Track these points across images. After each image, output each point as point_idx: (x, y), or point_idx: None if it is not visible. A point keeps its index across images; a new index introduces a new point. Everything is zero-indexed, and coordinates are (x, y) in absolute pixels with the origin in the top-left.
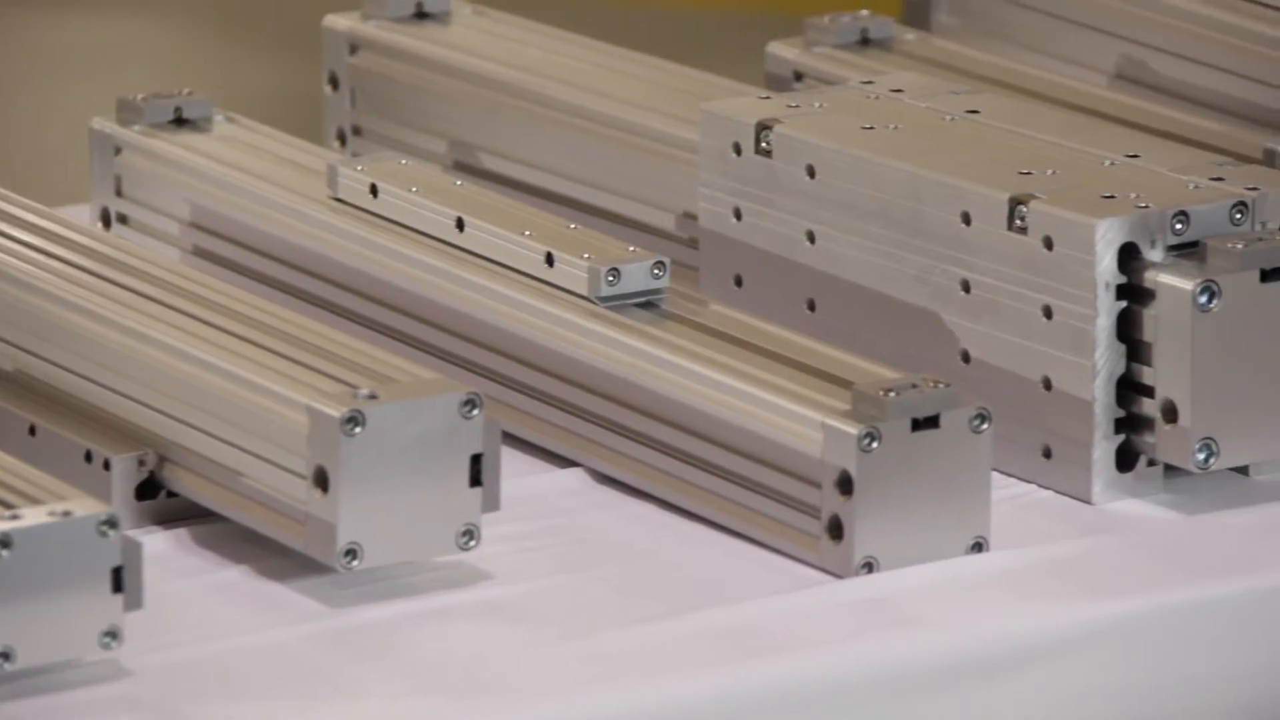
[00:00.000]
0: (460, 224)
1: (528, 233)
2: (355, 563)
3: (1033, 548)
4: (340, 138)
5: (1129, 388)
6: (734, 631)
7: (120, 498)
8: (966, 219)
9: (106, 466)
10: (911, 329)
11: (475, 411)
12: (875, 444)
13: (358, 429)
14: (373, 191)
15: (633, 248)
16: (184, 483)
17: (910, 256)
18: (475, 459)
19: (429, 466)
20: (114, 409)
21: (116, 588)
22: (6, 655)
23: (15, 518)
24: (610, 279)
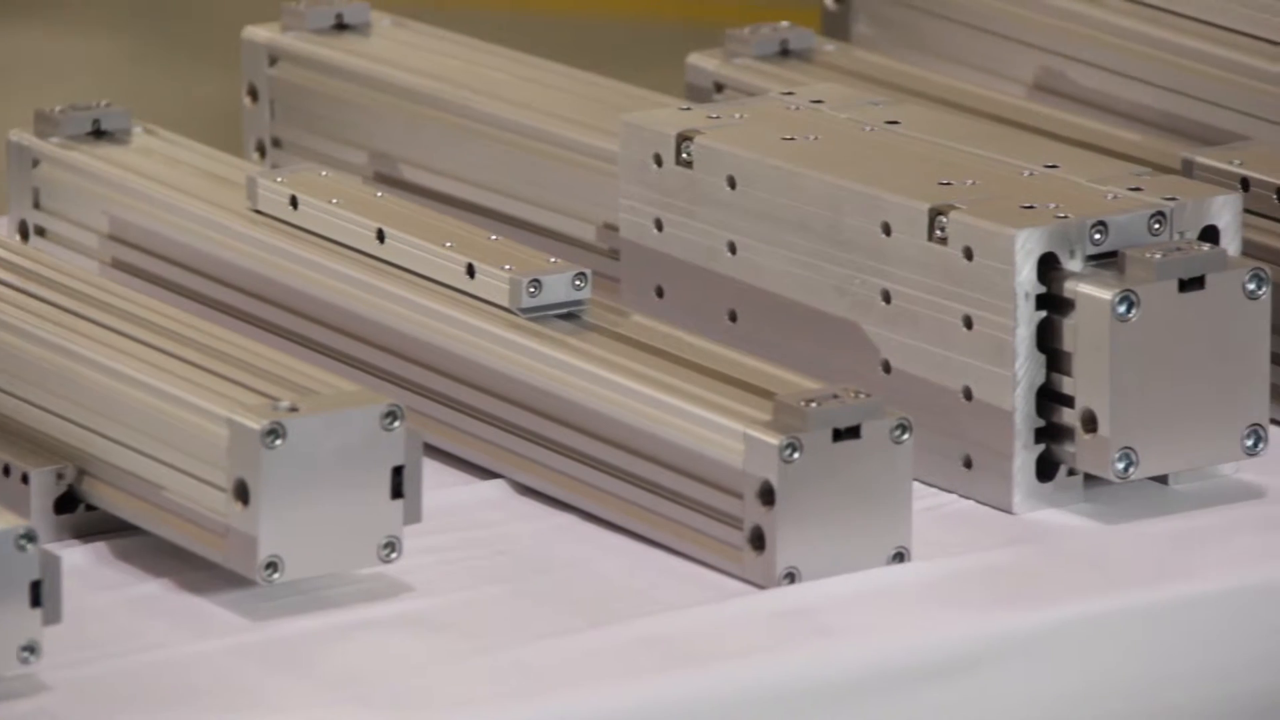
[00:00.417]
0: (381, 235)
1: (449, 244)
2: (276, 575)
3: (954, 557)
4: (260, 149)
5: (1049, 397)
6: (656, 643)
7: (39, 511)
8: (887, 229)
9: (25, 480)
10: (832, 339)
11: (396, 423)
12: (797, 454)
13: (278, 441)
14: (292, 203)
15: (554, 259)
16: (103, 496)
17: (831, 267)
18: (396, 471)
19: (350, 479)
20: (32, 422)
21: (35, 602)
22: None
23: None
24: (531, 290)
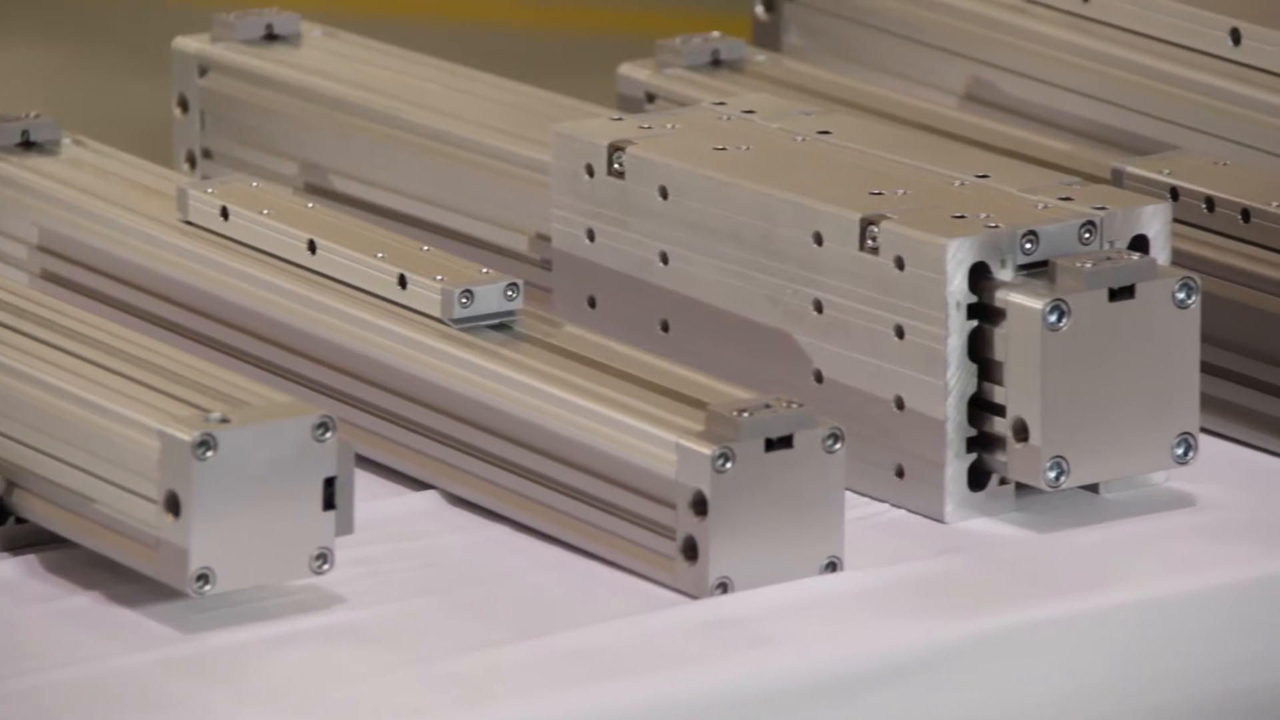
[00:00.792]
0: (312, 246)
1: (380, 255)
2: (207, 587)
3: (886, 567)
4: (190, 160)
5: (980, 407)
6: (589, 653)
7: None
8: (818, 239)
9: None
10: (764, 349)
11: (328, 434)
12: (729, 464)
13: (209, 453)
14: (223, 214)
15: (485, 269)
16: (34, 508)
17: (763, 277)
18: (328, 482)
19: (282, 490)
20: None
21: None
22: None
23: None
24: (463, 301)
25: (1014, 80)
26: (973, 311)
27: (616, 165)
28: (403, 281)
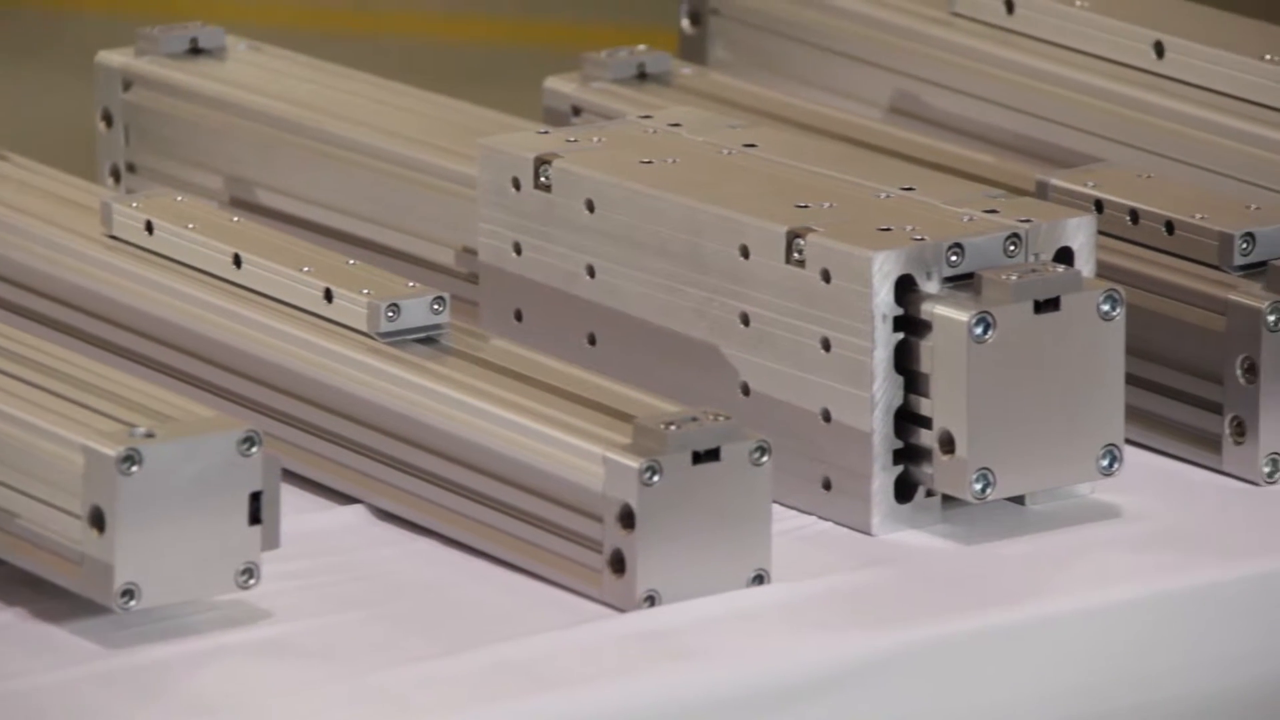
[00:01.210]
0: (237, 260)
1: (306, 269)
2: (133, 603)
3: (813, 579)
4: (114, 174)
5: (907, 419)
6: (516, 667)
7: None
8: (745, 252)
9: None
10: (691, 362)
11: (254, 449)
12: (656, 477)
13: (134, 468)
14: (148, 228)
15: (412, 283)
16: None
17: (689, 290)
18: (254, 497)
19: (207, 505)
20: None
21: None
22: None
23: None
24: (390, 314)
25: (939, 93)
26: (899, 324)
27: (543, 179)
28: (329, 295)
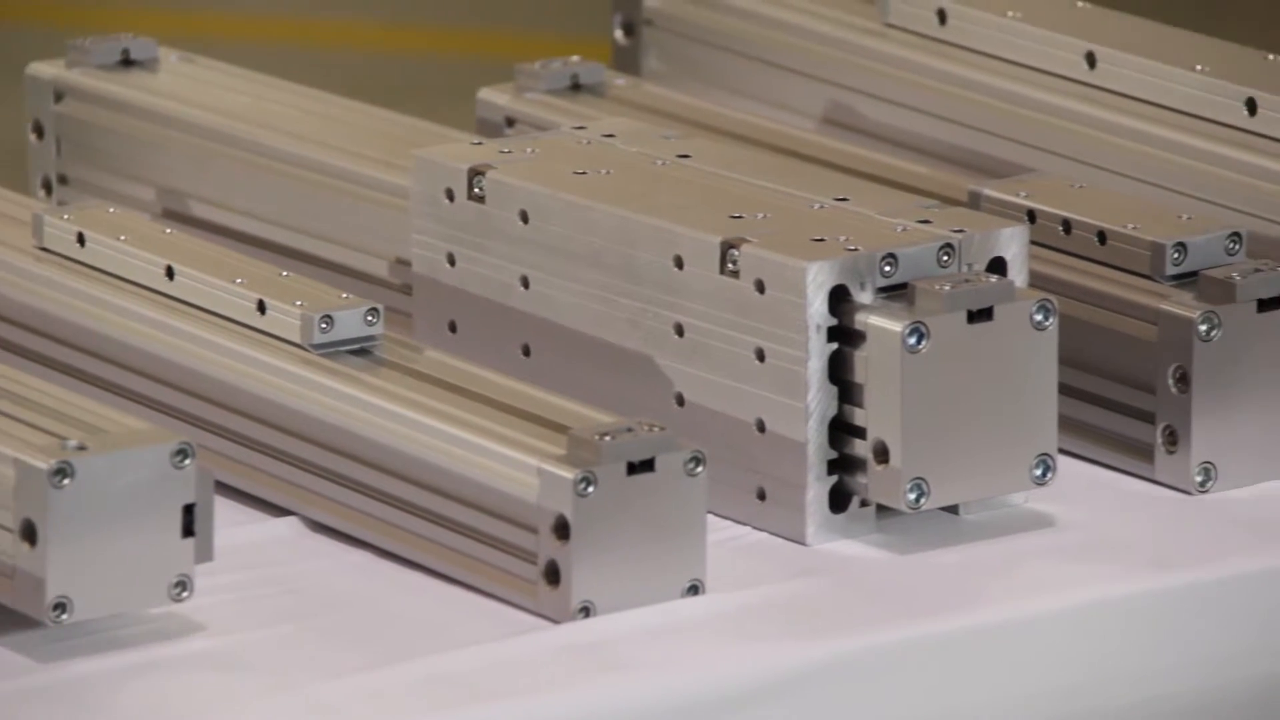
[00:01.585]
0: (170, 272)
1: (239, 280)
2: (65, 616)
3: (748, 590)
4: (46, 186)
5: (841, 429)
6: (451, 679)
7: None
8: (679, 263)
9: None
10: (626, 373)
11: (187, 461)
12: (591, 488)
13: (66, 481)
14: (80, 240)
15: (345, 294)
16: None
17: (624, 301)
18: (187, 509)
19: (140, 517)
20: None
21: None
22: None
23: None
24: (323, 326)
25: (872, 103)
26: (833, 334)
27: (476, 189)
28: (262, 307)
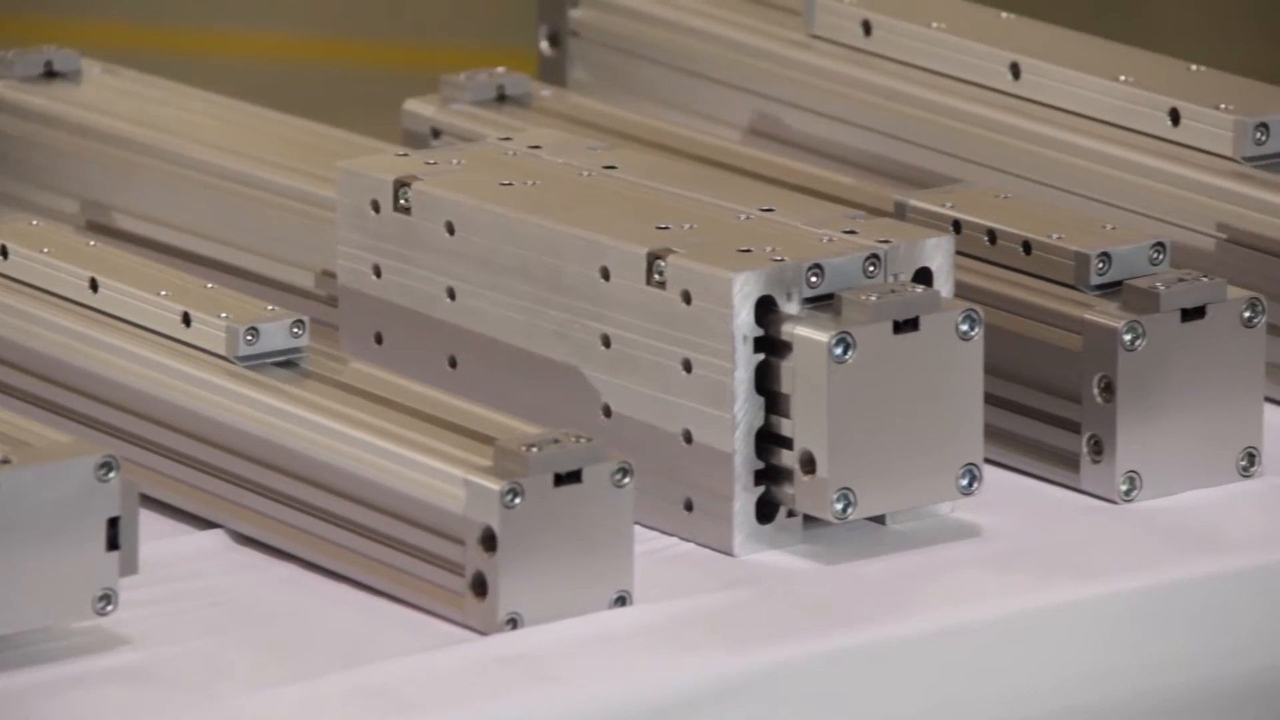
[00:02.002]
0: (94, 285)
1: (164, 293)
2: None
3: (675, 600)
4: None
5: (768, 440)
6: (378, 691)
7: None
8: (605, 274)
9: None
10: (553, 384)
11: (111, 474)
12: (518, 500)
13: None
14: (2, 253)
15: (271, 306)
16: None
17: (550, 312)
18: (112, 522)
19: (64, 531)
20: None
21: None
22: None
23: None
24: (248, 338)
25: (798, 114)
26: (759, 345)
27: (402, 201)
28: (187, 319)
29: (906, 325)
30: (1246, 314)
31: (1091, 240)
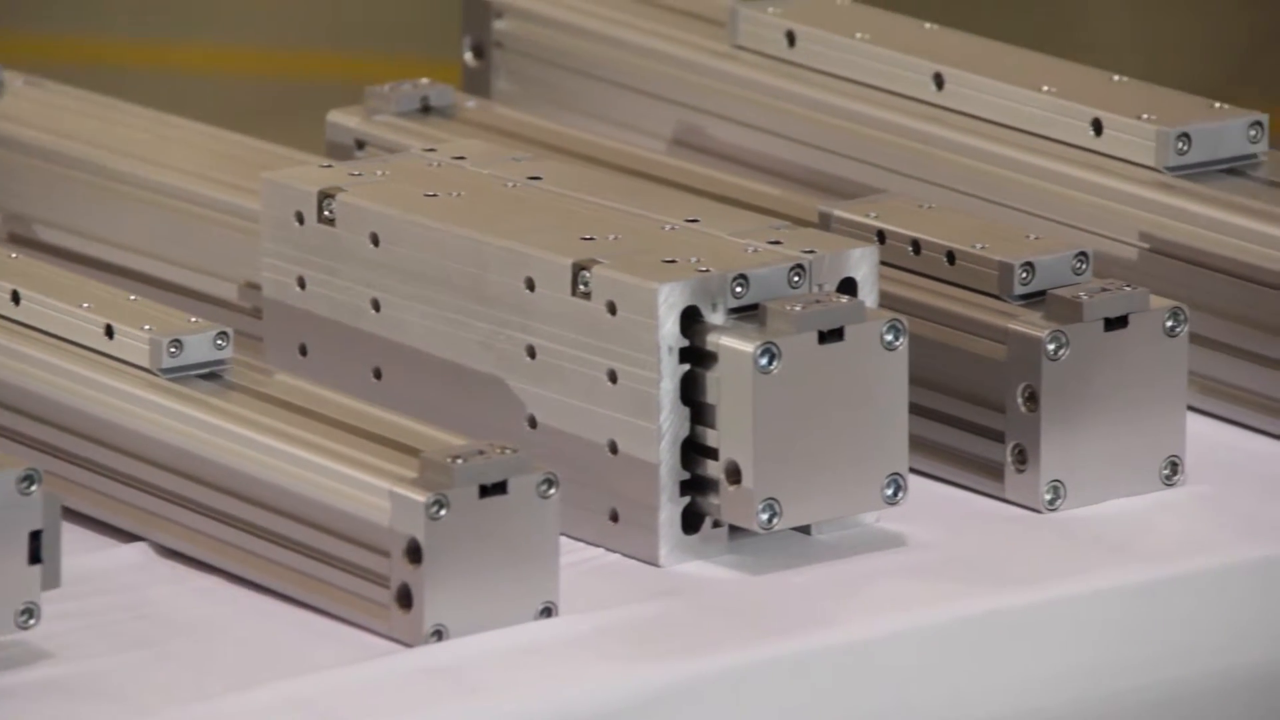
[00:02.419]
0: (16, 297)
1: (86, 305)
2: None
3: (601, 611)
4: None
5: (694, 450)
6: (304, 703)
7: None
8: (530, 285)
9: None
10: (478, 395)
11: (33, 488)
12: (443, 511)
13: None
14: None
15: (195, 319)
16: None
17: (476, 323)
18: (34, 535)
19: None
20: None
21: None
22: None
23: None
24: (172, 350)
25: (722, 125)
26: (685, 355)
27: (327, 212)
28: (110, 331)
29: (831, 335)
30: (1169, 323)
31: (1015, 250)
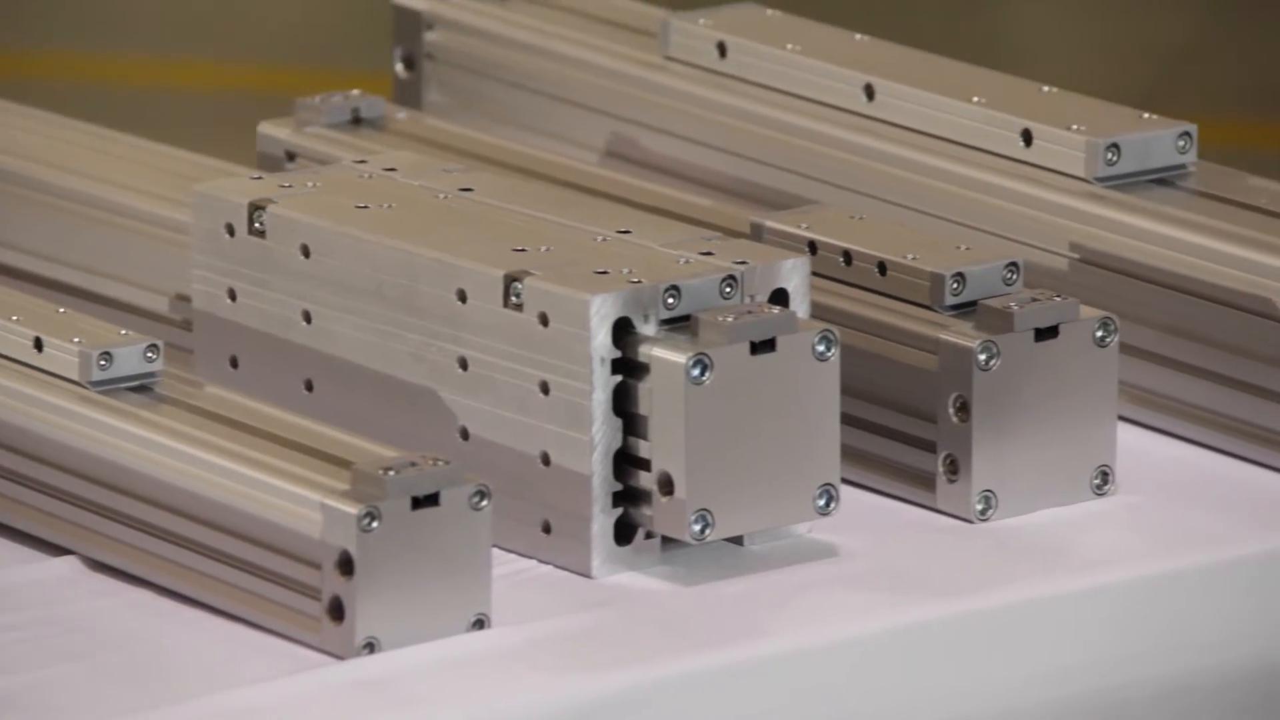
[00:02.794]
0: None
1: (15, 318)
2: None
3: (534, 623)
4: None
5: (626, 461)
6: (235, 716)
7: None
8: (462, 296)
9: None
10: (410, 407)
11: None
12: (375, 523)
13: None
14: None
15: (124, 331)
16: None
17: (407, 335)
18: None
19: None
20: None
21: None
22: None
23: None
24: (101, 363)
25: (654, 136)
26: (617, 366)
27: (257, 224)
28: (39, 344)
29: (763, 346)
30: (1099, 333)
31: (946, 260)
